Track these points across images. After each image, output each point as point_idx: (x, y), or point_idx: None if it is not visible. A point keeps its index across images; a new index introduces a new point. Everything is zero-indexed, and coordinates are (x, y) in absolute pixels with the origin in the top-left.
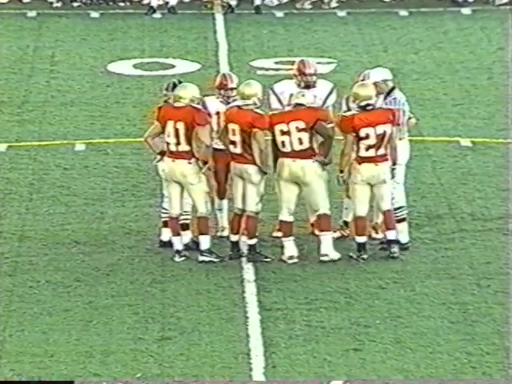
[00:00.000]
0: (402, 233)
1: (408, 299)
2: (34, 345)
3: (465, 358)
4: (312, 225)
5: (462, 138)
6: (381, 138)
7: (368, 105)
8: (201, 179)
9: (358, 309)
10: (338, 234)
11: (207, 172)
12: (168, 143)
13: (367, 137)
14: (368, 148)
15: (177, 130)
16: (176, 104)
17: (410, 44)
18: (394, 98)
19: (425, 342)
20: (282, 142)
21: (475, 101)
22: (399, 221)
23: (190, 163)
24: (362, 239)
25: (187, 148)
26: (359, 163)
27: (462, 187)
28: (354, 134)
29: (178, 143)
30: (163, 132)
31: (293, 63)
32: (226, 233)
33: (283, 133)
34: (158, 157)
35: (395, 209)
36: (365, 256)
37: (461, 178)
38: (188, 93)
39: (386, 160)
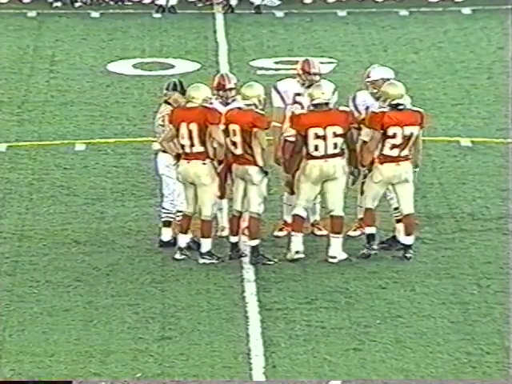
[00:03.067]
0: (400, 233)
1: (408, 299)
2: (34, 344)
3: (465, 357)
4: (312, 225)
5: (461, 137)
6: (407, 139)
7: (399, 104)
8: (214, 181)
9: (358, 308)
10: (358, 233)
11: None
12: (183, 145)
13: (394, 136)
14: (392, 147)
15: (190, 132)
16: (188, 105)
17: (410, 44)
18: None
19: (425, 342)
20: (316, 146)
21: (475, 101)
22: (398, 221)
23: (204, 164)
24: (371, 230)
25: (201, 149)
26: (381, 163)
27: (461, 187)
28: (382, 132)
29: (192, 145)
30: (177, 135)
31: (293, 63)
32: (225, 233)
33: (318, 137)
34: (175, 161)
35: (394, 208)
36: (375, 246)
37: (461, 177)
38: (201, 93)
39: (408, 159)
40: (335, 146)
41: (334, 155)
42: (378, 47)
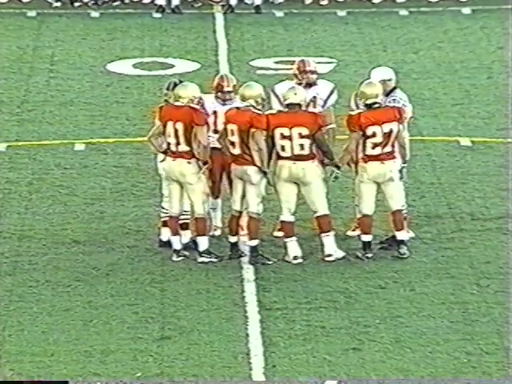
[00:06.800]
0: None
1: (408, 299)
2: (34, 344)
3: (464, 357)
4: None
5: (461, 137)
6: (387, 136)
7: (374, 103)
8: (200, 179)
9: (357, 308)
10: (357, 233)
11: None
12: (169, 143)
13: (374, 135)
14: (374, 146)
15: (176, 131)
16: (176, 103)
17: (410, 43)
18: (394, 99)
19: (424, 342)
20: (282, 146)
21: (475, 100)
22: None
23: (189, 163)
24: (367, 237)
25: (187, 148)
26: (365, 162)
27: (461, 187)
28: (361, 133)
29: (178, 143)
30: (164, 133)
31: (293, 63)
32: (218, 232)
33: (284, 137)
34: (162, 156)
35: None
36: (369, 255)
37: (460, 177)
38: (188, 92)
39: (393, 158)
40: (302, 147)
41: (302, 157)
42: (377, 47)
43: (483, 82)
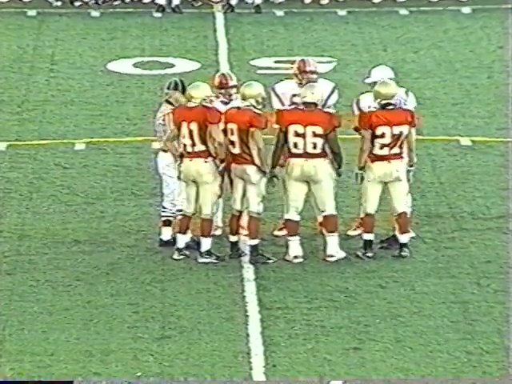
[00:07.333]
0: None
1: (408, 298)
2: (34, 344)
3: (465, 357)
4: (321, 224)
5: (461, 137)
6: (396, 138)
7: (388, 104)
8: (216, 179)
9: (358, 308)
10: (358, 232)
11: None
12: (184, 144)
13: (383, 135)
14: (382, 147)
15: (191, 131)
16: (189, 104)
17: (410, 43)
18: (395, 98)
19: (425, 341)
20: (295, 143)
21: (475, 100)
22: None
23: (206, 162)
24: (369, 236)
25: (203, 148)
26: (372, 161)
27: (461, 186)
28: (371, 131)
29: (194, 144)
30: (179, 134)
31: (293, 62)
32: (218, 232)
33: (298, 134)
34: (179, 160)
35: None
36: (370, 254)
37: (461, 177)
38: (200, 92)
39: (400, 158)
40: (314, 145)
41: (314, 155)
42: (377, 46)
43: (483, 82)
